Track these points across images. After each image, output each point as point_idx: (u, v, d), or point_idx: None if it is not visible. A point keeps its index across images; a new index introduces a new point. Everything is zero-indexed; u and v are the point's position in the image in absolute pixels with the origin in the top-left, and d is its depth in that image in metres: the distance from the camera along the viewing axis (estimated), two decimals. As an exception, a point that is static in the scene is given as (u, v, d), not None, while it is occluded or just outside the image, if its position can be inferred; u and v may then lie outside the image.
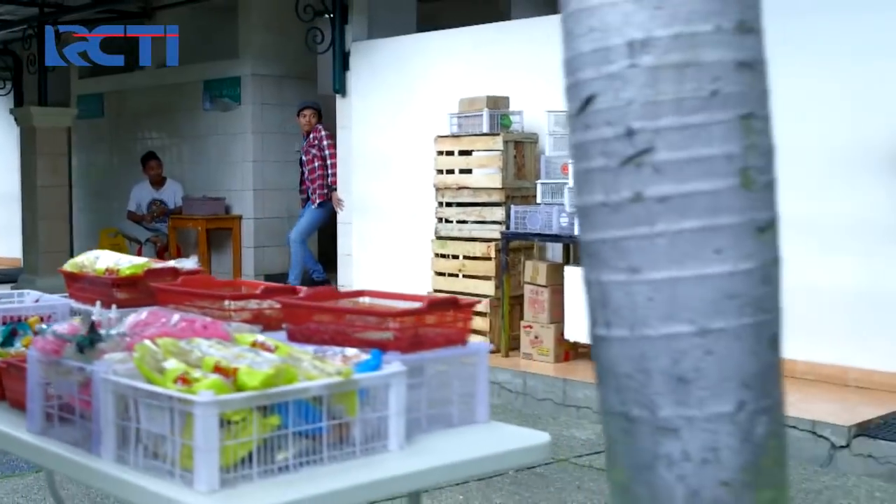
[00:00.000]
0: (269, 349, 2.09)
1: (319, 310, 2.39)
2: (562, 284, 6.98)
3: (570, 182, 6.76)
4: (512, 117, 7.62)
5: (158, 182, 11.04)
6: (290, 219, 10.76)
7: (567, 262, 7.26)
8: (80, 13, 10.55)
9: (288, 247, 10.03)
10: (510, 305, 7.31)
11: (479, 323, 7.50)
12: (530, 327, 7.14)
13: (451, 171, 7.79)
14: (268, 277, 10.45)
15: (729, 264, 1.43)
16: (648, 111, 1.42)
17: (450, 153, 7.80)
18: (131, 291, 2.99)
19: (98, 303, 2.78)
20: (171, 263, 3.13)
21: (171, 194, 10.99)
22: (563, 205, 6.88)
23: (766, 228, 1.46)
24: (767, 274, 1.46)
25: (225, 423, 1.89)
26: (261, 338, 2.15)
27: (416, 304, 2.31)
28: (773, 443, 1.47)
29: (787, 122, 6.63)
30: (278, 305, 2.55)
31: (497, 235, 7.37)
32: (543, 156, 7.30)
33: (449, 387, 2.33)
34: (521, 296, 7.25)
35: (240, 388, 1.91)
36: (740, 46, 1.43)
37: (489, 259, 7.46)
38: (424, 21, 9.85)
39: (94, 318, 2.26)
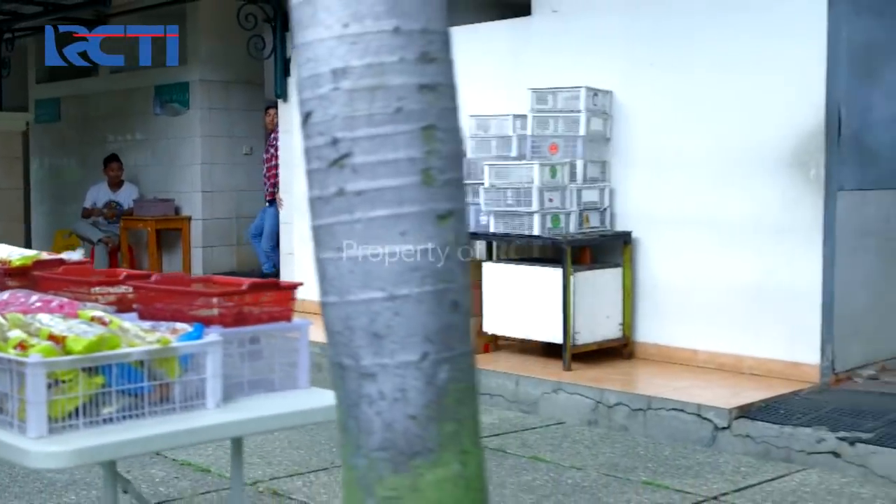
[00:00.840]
0: (104, 323, 2.47)
1: (162, 292, 2.78)
2: (480, 280, 7.36)
3: (486, 182, 7.19)
4: (437, 121, 8.01)
5: (116, 184, 11.39)
6: (239, 219, 11.13)
7: (490, 258, 7.65)
8: (35, 20, 10.87)
9: (248, 243, 10.43)
10: (435, 300, 7.69)
11: (405, 317, 7.88)
12: (452, 321, 7.51)
13: (381, 173, 8.16)
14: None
15: (412, 244, 1.82)
16: (348, 124, 1.81)
17: (380, 156, 8.17)
18: (21, 280, 3.37)
19: (-14, 289, 3.16)
20: (61, 256, 3.51)
21: (127, 196, 11.34)
22: (479, 204, 7.26)
23: (446, 216, 1.85)
24: (446, 253, 1.85)
25: (55, 381, 2.27)
26: (99, 313, 2.53)
27: (241, 287, 2.70)
28: (454, 386, 1.87)
29: (690, 125, 7.05)
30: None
31: (422, 234, 7.75)
32: (465, 158, 7.68)
33: (272, 357, 2.71)
34: (444, 291, 7.63)
35: (68, 353, 2.29)
36: (422, 73, 1.82)
37: (415, 256, 7.84)
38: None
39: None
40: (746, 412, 5.79)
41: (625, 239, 7.15)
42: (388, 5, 1.78)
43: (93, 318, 2.50)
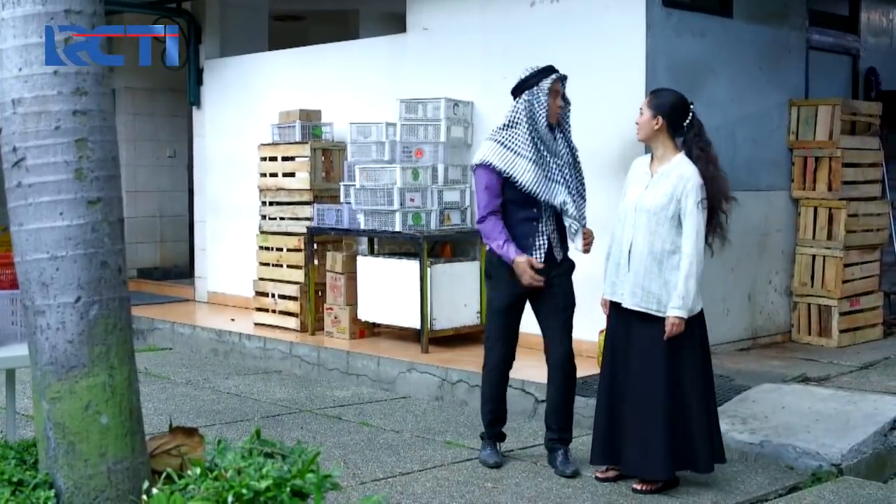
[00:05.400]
0: None
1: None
2: (355, 272, 8.16)
3: (357, 184, 7.99)
4: (323, 128, 8.84)
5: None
6: (162, 218, 11.91)
7: (372, 252, 8.45)
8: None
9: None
10: (318, 291, 8.50)
11: (291, 306, 8.69)
12: (331, 309, 8.32)
13: (274, 175, 8.97)
14: (140, 271, 11.59)
15: (67, 220, 2.63)
16: (23, 137, 2.62)
17: (273, 159, 8.99)
18: None
19: None
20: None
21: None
22: (350, 203, 8.07)
23: (96, 202, 2.66)
24: (94, 227, 2.66)
25: None
26: None
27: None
28: (103, 321, 2.67)
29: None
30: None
31: (306, 230, 8.55)
32: (346, 161, 8.50)
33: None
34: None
35: None
36: (76, 102, 2.63)
37: (300, 251, 8.65)
38: (293, 40, 10.98)
39: None
40: (564, 387, 6.56)
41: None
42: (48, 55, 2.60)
43: None
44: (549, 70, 5.23)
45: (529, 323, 7.63)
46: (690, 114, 4.89)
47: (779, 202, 8.17)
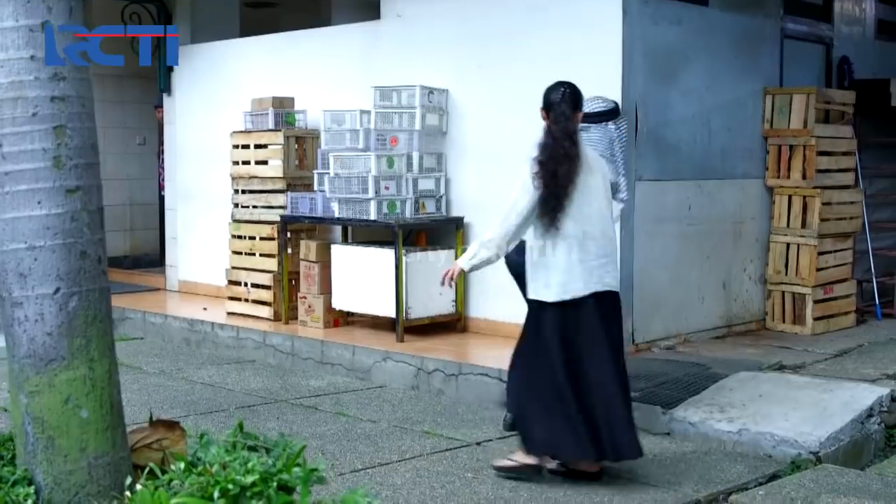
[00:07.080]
0: None
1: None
2: (329, 260, 8.09)
3: (331, 171, 7.91)
4: (296, 115, 8.76)
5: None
6: (132, 206, 11.77)
7: (347, 241, 8.38)
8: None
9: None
10: (291, 280, 8.43)
11: (264, 295, 8.61)
12: (305, 298, 8.24)
13: (246, 162, 8.88)
14: (110, 260, 11.42)
15: (46, 210, 2.56)
16: (-1, 124, 2.55)
17: (245, 146, 8.89)
18: None
19: None
20: None
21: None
22: (324, 191, 8.00)
23: (75, 190, 2.59)
24: (73, 217, 2.59)
25: None
26: None
27: None
28: (83, 312, 2.60)
29: (511, 119, 7.76)
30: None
31: (279, 218, 8.47)
32: (319, 149, 8.42)
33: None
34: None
35: None
36: (54, 88, 2.56)
37: (273, 239, 8.57)
38: (264, 26, 10.83)
39: None
40: (542, 375, 6.53)
41: (457, 223, 7.90)
42: (25, 40, 2.52)
43: None
44: None
45: (506, 311, 7.67)
46: (552, 97, 5.02)
47: (753, 190, 8.18)
